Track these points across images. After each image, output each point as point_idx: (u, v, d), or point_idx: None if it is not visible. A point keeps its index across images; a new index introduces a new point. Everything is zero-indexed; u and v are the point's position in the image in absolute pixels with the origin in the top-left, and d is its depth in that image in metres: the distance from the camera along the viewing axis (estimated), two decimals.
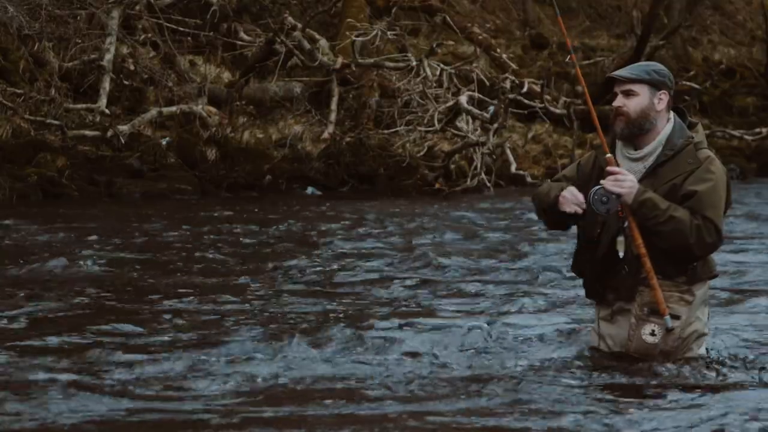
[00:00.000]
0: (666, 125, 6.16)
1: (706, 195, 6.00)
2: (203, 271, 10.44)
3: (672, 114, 6.22)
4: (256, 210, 16.17)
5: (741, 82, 27.63)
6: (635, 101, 6.12)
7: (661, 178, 6.11)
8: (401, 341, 7.14)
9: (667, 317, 6.05)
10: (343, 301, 8.91)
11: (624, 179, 6.03)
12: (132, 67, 19.50)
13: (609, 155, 6.15)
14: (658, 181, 6.10)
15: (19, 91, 18.15)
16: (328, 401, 5.75)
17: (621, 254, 6.13)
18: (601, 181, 6.06)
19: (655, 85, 6.14)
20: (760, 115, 26.44)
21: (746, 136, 24.54)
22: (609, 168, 6.08)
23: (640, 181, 6.09)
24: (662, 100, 6.14)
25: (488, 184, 19.29)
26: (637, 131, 6.14)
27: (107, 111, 18.25)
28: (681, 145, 6.12)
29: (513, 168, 19.95)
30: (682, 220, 5.96)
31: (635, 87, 6.14)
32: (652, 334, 6.10)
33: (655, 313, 6.07)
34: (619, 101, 6.17)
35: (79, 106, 18.42)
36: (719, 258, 6.68)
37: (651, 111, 6.11)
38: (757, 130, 24.71)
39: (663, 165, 6.12)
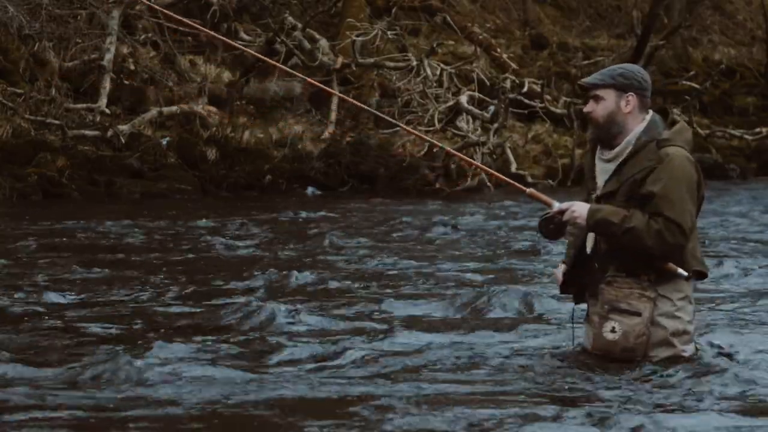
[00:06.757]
0: (639, 125, 6.21)
1: (665, 195, 6.03)
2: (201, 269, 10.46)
3: (650, 114, 6.25)
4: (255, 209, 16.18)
5: (741, 82, 27.65)
6: (602, 106, 6.20)
7: (623, 175, 6.16)
8: (389, 341, 7.18)
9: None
10: (342, 301, 8.92)
11: (573, 209, 6.13)
12: (132, 67, 19.52)
13: (530, 190, 6.34)
14: (621, 179, 6.16)
15: (19, 91, 18.17)
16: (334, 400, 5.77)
17: (588, 250, 6.23)
18: (549, 212, 6.19)
19: (621, 88, 6.19)
20: (760, 115, 26.47)
21: (746, 136, 24.58)
22: (557, 207, 6.17)
23: (608, 180, 6.20)
24: (629, 102, 6.19)
25: (488, 184, 19.32)
26: (605, 134, 6.23)
27: (107, 111, 18.27)
28: (643, 142, 6.15)
29: (513, 168, 19.95)
30: (638, 228, 6.00)
31: (601, 92, 6.21)
32: (613, 331, 6.14)
33: (616, 310, 6.11)
34: (589, 106, 6.28)
35: (79, 105, 18.44)
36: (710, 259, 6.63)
37: (618, 114, 6.19)
38: (757, 130, 24.74)
39: (626, 163, 6.17)
